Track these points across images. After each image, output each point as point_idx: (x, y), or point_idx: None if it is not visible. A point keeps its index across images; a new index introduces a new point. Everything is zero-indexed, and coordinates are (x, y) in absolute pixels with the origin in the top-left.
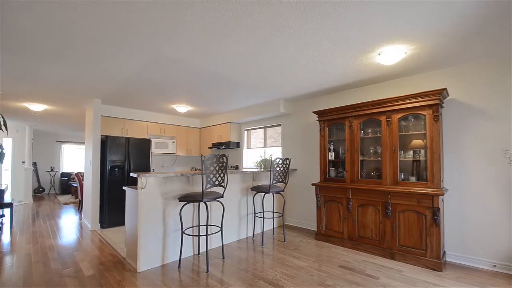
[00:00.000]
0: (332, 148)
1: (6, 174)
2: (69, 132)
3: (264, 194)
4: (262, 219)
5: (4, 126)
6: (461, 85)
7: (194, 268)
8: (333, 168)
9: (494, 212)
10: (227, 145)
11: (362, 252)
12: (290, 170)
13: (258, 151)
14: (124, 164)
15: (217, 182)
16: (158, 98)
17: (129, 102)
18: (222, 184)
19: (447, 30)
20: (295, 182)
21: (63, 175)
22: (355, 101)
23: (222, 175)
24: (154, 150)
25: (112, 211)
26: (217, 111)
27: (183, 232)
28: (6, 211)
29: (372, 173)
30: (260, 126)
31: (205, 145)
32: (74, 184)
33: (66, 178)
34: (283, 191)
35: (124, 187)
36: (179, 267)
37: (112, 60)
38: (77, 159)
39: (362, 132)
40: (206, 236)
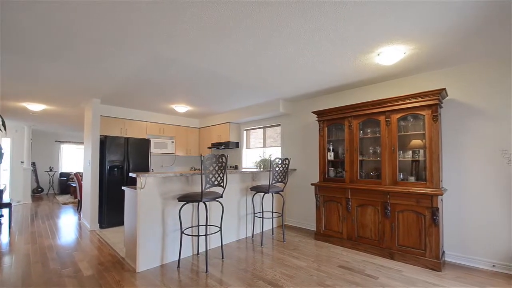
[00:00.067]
0: (331, 148)
1: (4, 174)
2: (68, 132)
3: (263, 194)
4: (262, 219)
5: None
6: (460, 85)
7: (193, 268)
8: (332, 168)
9: (493, 212)
10: (226, 145)
11: (362, 252)
12: (289, 170)
13: (258, 151)
14: (123, 164)
15: (216, 182)
16: (157, 98)
17: (128, 102)
18: (222, 184)
19: (446, 30)
20: (294, 182)
21: (62, 175)
22: (355, 101)
23: (221, 175)
24: (153, 150)
25: (111, 211)
26: (216, 111)
27: (182, 232)
28: (5, 211)
29: (371, 173)
30: (260, 126)
31: (204, 145)
32: (73, 184)
33: (65, 178)
34: (282, 191)
35: (123, 187)
36: (178, 267)
37: (112, 60)
38: (76, 159)
39: (362, 132)
40: (205, 236)
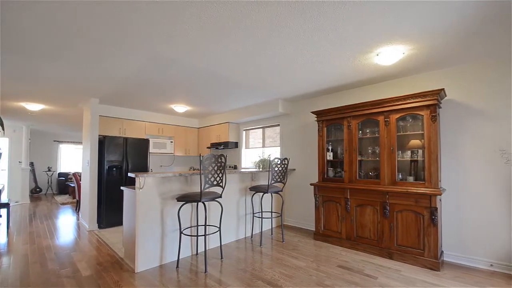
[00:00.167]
0: (330, 148)
1: (2, 174)
2: (66, 132)
3: (262, 194)
4: (261, 219)
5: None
6: (459, 85)
7: (192, 268)
8: (331, 168)
9: (492, 212)
10: (225, 145)
11: (361, 252)
12: (288, 170)
13: (257, 151)
14: (122, 164)
15: (215, 182)
16: (156, 98)
17: (127, 102)
18: (221, 184)
19: (445, 31)
20: (293, 182)
21: (61, 175)
22: (354, 101)
23: (220, 175)
24: (152, 150)
25: (109, 211)
26: (215, 111)
27: (181, 232)
28: (3, 211)
29: (370, 173)
30: (259, 126)
31: (203, 145)
32: (72, 184)
33: (64, 178)
34: (281, 191)
35: (122, 187)
36: (177, 267)
37: (112, 60)
38: (74, 159)
39: (360, 132)
40: (204, 236)
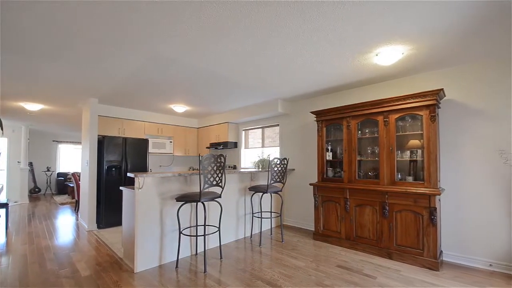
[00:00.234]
0: (330, 148)
1: (1, 174)
2: (65, 132)
3: (262, 194)
4: (260, 219)
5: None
6: (458, 85)
7: (191, 269)
8: (331, 168)
9: (491, 212)
10: (225, 145)
11: (360, 251)
12: (288, 170)
13: (256, 151)
14: (121, 164)
15: (214, 182)
16: (156, 98)
17: (126, 102)
18: (220, 184)
19: (445, 31)
20: (293, 182)
21: (60, 175)
22: (353, 101)
23: (220, 175)
24: (151, 150)
25: (109, 211)
26: (215, 111)
27: (180, 232)
28: (2, 212)
29: (370, 173)
30: (258, 126)
31: (202, 145)
32: (71, 184)
33: (63, 178)
34: (281, 191)
35: (121, 187)
36: (177, 267)
37: (112, 60)
38: (73, 159)
39: (360, 132)
40: (203, 236)
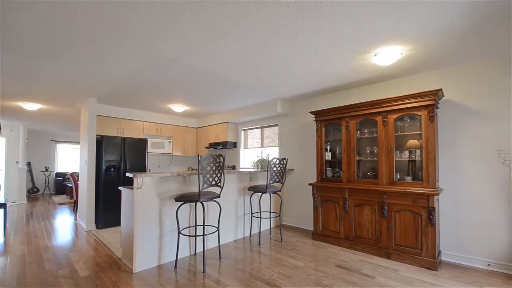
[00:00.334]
0: (329, 148)
1: None
2: (64, 132)
3: (261, 194)
4: (259, 219)
5: None
6: (457, 85)
7: (190, 269)
8: (330, 168)
9: (489, 212)
10: (224, 145)
11: (359, 251)
12: (287, 170)
13: (255, 151)
14: (120, 164)
15: (214, 182)
16: (155, 98)
17: (125, 101)
18: (219, 184)
19: (444, 31)
20: (292, 182)
21: (58, 175)
22: (352, 101)
23: (219, 175)
24: (150, 150)
25: (107, 211)
26: (214, 111)
27: (179, 233)
28: (0, 212)
29: (369, 173)
30: (257, 126)
31: (202, 145)
32: (69, 184)
33: (61, 178)
34: (280, 191)
35: (120, 187)
36: (176, 267)
37: (112, 60)
38: (72, 159)
39: (359, 132)
40: (202, 236)
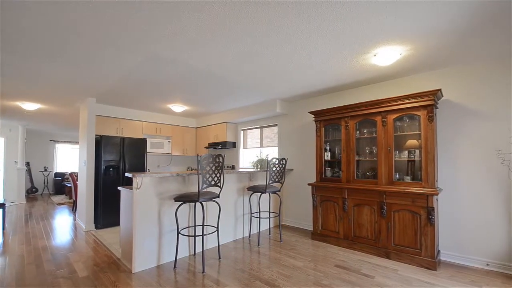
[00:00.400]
0: (328, 148)
1: None
2: (63, 132)
3: (260, 194)
4: (259, 219)
5: None
6: (456, 86)
7: (190, 269)
8: (329, 168)
9: (488, 211)
10: (223, 145)
11: (358, 251)
12: (286, 170)
13: (255, 151)
14: (119, 164)
15: (213, 182)
16: (154, 98)
17: (124, 101)
18: (218, 184)
19: (444, 31)
20: (291, 182)
21: (57, 175)
22: (351, 101)
23: (218, 175)
24: (149, 150)
25: (106, 211)
26: (213, 111)
27: (178, 233)
28: None
29: (368, 173)
30: (257, 126)
31: (201, 145)
32: (68, 184)
33: (60, 178)
34: (279, 191)
35: (119, 187)
36: (175, 267)
37: (111, 59)
38: (71, 159)
39: (358, 132)
40: (202, 236)
